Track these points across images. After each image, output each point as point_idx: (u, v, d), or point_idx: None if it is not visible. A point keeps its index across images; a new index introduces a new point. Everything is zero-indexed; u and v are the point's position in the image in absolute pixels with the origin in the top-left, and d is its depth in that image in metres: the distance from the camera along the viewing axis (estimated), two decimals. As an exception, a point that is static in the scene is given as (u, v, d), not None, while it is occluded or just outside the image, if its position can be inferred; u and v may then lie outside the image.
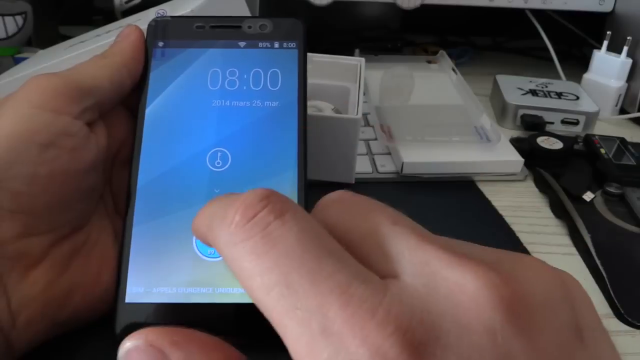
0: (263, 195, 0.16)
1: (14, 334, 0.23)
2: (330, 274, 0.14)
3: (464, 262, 0.15)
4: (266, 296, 0.15)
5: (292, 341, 0.14)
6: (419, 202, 0.40)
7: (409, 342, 0.13)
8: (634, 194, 0.41)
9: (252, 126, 0.28)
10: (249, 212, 0.15)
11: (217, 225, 0.16)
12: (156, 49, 0.29)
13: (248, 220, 0.15)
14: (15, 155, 0.23)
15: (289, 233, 0.15)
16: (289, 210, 0.16)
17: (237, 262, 0.15)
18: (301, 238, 0.15)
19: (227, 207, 0.16)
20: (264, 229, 0.15)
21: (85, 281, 0.25)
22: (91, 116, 0.26)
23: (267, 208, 0.15)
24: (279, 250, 0.15)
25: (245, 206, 0.16)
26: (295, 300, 0.14)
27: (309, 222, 0.16)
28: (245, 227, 0.15)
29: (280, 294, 0.14)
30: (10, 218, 0.23)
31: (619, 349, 0.29)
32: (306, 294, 0.14)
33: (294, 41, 0.29)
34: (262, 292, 0.15)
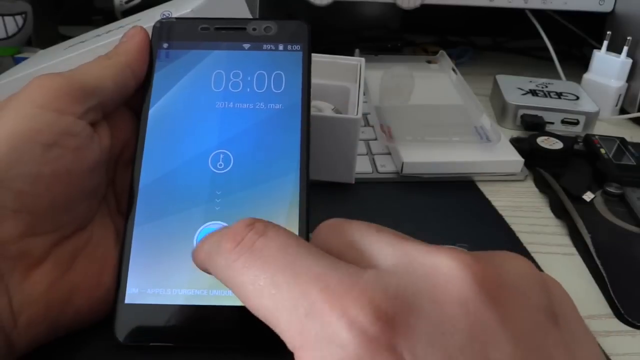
0: (248, 222, 0.19)
1: (15, 334, 0.23)
2: (309, 268, 0.16)
3: (441, 249, 0.17)
4: (258, 298, 0.17)
5: (285, 329, 0.16)
6: (419, 202, 0.40)
7: (383, 312, 0.14)
8: (634, 194, 0.41)
9: (255, 128, 0.28)
10: (237, 237, 0.18)
11: (213, 255, 0.19)
12: (161, 50, 0.29)
13: (237, 244, 0.18)
14: (18, 155, 0.23)
15: (271, 244, 0.17)
16: (271, 229, 0.18)
17: (232, 280, 0.18)
18: (282, 246, 0.17)
19: (221, 240, 0.19)
20: (250, 247, 0.18)
21: (87, 281, 0.25)
22: (94, 116, 0.26)
23: (252, 231, 0.18)
24: (263, 259, 0.17)
25: (234, 234, 0.18)
26: (282, 294, 0.16)
27: (288, 235, 0.18)
28: (235, 249, 0.18)
29: (270, 294, 0.16)
30: (13, 217, 0.23)
31: (619, 349, 0.29)
32: (290, 287, 0.16)
33: (298, 43, 0.29)
34: (255, 295, 0.17)
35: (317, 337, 0.15)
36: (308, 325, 0.15)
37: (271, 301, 0.16)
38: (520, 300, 0.16)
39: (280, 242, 0.18)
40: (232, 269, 0.18)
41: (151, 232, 0.26)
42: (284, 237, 0.18)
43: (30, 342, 0.23)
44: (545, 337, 0.16)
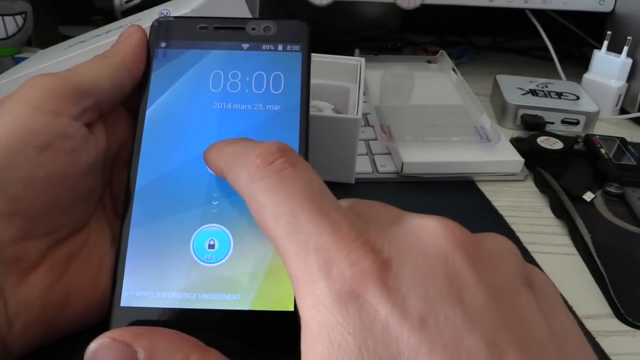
0: (281, 147, 0.20)
1: (10, 338, 0.22)
2: (326, 212, 0.18)
3: (431, 216, 0.19)
4: (274, 223, 0.18)
5: (291, 258, 0.18)
6: (419, 202, 0.40)
7: (380, 257, 0.17)
8: (634, 194, 0.41)
9: (253, 129, 0.27)
10: (269, 158, 0.19)
11: (238, 165, 0.20)
12: (158, 50, 0.29)
13: (267, 165, 0.19)
14: (12, 157, 0.22)
15: (299, 179, 0.19)
16: (301, 163, 0.19)
17: (253, 195, 0.19)
18: (308, 183, 0.19)
19: (250, 152, 0.20)
20: (279, 172, 0.19)
21: (84, 285, 0.25)
22: (90, 117, 0.26)
23: (284, 157, 0.19)
24: (289, 190, 0.18)
25: (266, 153, 0.19)
26: (298, 227, 0.18)
27: (315, 175, 0.19)
28: (265, 169, 0.19)
29: (287, 222, 0.18)
30: (7, 221, 0.22)
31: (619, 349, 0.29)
32: (306, 222, 0.18)
33: (298, 44, 0.29)
34: (272, 220, 0.18)
35: (319, 269, 0.17)
36: (313, 259, 0.17)
37: (286, 229, 0.18)
38: (496, 262, 0.18)
39: (308, 179, 0.19)
40: (257, 186, 0.19)
41: (147, 234, 0.25)
42: (311, 175, 0.19)
43: (26, 346, 0.23)
44: (519, 297, 0.17)
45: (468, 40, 0.78)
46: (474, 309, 0.16)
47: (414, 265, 0.17)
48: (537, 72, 0.64)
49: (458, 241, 0.18)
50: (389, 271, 0.16)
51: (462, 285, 0.16)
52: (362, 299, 0.16)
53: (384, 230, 0.18)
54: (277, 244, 0.18)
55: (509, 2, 0.60)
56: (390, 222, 0.19)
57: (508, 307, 0.17)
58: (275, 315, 0.24)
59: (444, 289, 0.16)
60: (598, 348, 0.28)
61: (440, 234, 0.18)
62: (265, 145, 0.20)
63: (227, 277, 0.25)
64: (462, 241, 0.18)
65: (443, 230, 0.18)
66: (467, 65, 0.70)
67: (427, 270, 0.17)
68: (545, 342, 0.17)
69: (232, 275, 0.25)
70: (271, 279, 0.24)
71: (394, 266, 0.17)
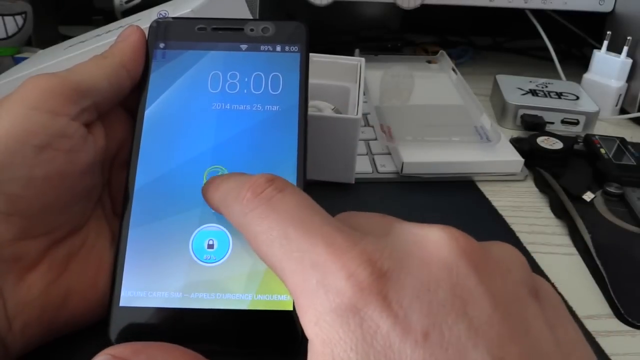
0: (269, 178, 0.20)
1: (9, 338, 0.22)
2: (319, 227, 0.18)
3: (432, 225, 0.18)
4: (269, 247, 0.18)
5: (290, 277, 0.18)
6: (419, 202, 0.40)
7: (378, 268, 0.16)
8: (634, 194, 0.41)
9: (251, 130, 0.27)
10: (257, 189, 0.20)
11: (231, 201, 0.21)
12: (157, 50, 0.29)
13: (256, 196, 0.20)
14: (10, 157, 0.22)
15: (288, 201, 0.19)
16: (289, 187, 0.20)
17: (247, 227, 0.19)
18: (297, 204, 0.19)
19: (240, 187, 0.20)
20: (269, 200, 0.19)
21: (82, 284, 0.25)
22: (89, 117, 0.26)
23: (272, 186, 0.20)
24: (280, 214, 0.19)
25: (255, 186, 0.20)
26: (292, 246, 0.18)
27: (305, 196, 0.20)
28: (254, 200, 0.19)
29: (281, 244, 0.18)
30: (5, 221, 0.22)
31: (619, 349, 0.29)
32: (300, 240, 0.18)
33: (296, 45, 0.29)
34: (266, 245, 0.18)
35: (317, 285, 0.17)
36: (311, 275, 0.17)
37: (281, 250, 0.18)
38: (502, 272, 0.18)
39: (297, 200, 0.19)
40: (249, 217, 0.19)
41: (146, 234, 0.25)
42: (300, 197, 0.20)
43: (25, 345, 0.23)
44: (525, 307, 0.17)
45: (468, 40, 0.78)
46: (479, 322, 0.16)
47: (416, 277, 0.16)
48: (537, 72, 0.64)
49: (463, 250, 0.17)
50: (389, 283, 0.16)
51: (466, 297, 0.16)
52: (363, 313, 0.16)
53: (383, 240, 0.18)
54: (275, 267, 0.18)
55: (509, 2, 0.60)
56: (389, 232, 0.19)
57: (514, 319, 0.16)
58: (274, 315, 0.24)
59: (448, 302, 0.16)
60: (598, 348, 0.28)
61: (444, 243, 0.17)
62: (254, 178, 0.20)
63: (226, 277, 0.25)
64: (466, 250, 0.17)
65: (447, 239, 0.17)
66: (467, 65, 0.70)
67: (431, 282, 0.16)
68: (551, 354, 0.16)
69: (231, 275, 0.25)
70: (270, 278, 0.24)
71: (394, 277, 0.16)
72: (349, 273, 0.16)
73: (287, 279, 0.18)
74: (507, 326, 0.16)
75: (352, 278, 0.16)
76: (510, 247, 0.20)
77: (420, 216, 0.38)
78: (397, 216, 0.39)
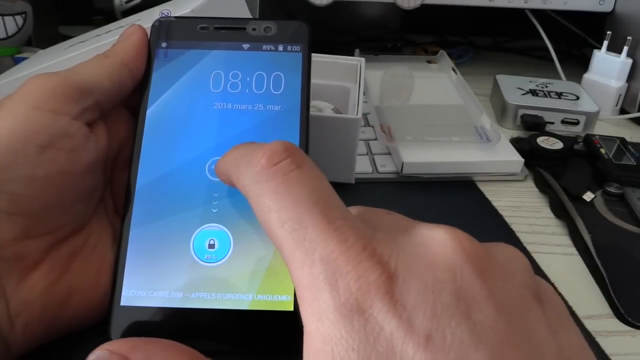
0: (287, 147, 0.19)
1: (12, 336, 0.22)
2: (334, 219, 0.17)
3: (440, 225, 0.18)
4: (280, 228, 0.18)
5: (297, 267, 0.17)
6: (419, 202, 0.40)
7: (387, 269, 0.16)
8: (634, 194, 0.41)
9: (253, 130, 0.27)
10: (274, 158, 0.19)
11: (243, 165, 0.20)
12: (159, 49, 0.29)
13: (273, 165, 0.19)
14: (12, 157, 0.22)
15: (306, 182, 0.18)
16: (308, 164, 0.19)
17: (258, 198, 0.19)
18: (315, 188, 0.18)
19: (254, 152, 0.19)
20: (285, 174, 0.18)
21: (84, 284, 0.25)
22: (91, 116, 0.26)
23: (290, 158, 0.19)
24: (296, 194, 0.18)
25: (271, 153, 0.19)
26: (304, 234, 0.17)
27: (322, 178, 0.19)
28: (270, 170, 0.18)
29: (292, 228, 0.17)
30: (8, 220, 0.22)
31: (619, 349, 0.29)
32: (313, 230, 0.17)
33: (298, 44, 0.29)
34: (277, 225, 0.18)
35: (325, 280, 0.16)
36: (319, 269, 0.17)
37: (292, 236, 0.17)
38: (506, 276, 0.18)
39: (315, 183, 0.18)
40: (261, 188, 0.18)
41: (148, 234, 0.25)
42: (318, 179, 0.19)
43: (27, 344, 0.23)
44: (528, 312, 0.17)
45: (468, 40, 0.78)
46: (482, 326, 0.15)
47: (422, 279, 0.16)
48: (537, 72, 0.64)
49: (467, 253, 0.17)
50: (396, 285, 0.16)
51: (470, 301, 0.16)
52: (368, 314, 0.16)
53: (392, 240, 0.18)
54: (282, 250, 0.18)
55: (509, 2, 0.60)
56: (398, 232, 0.18)
57: (517, 324, 0.16)
58: (275, 315, 0.24)
59: (452, 305, 0.16)
60: (598, 348, 0.28)
61: (449, 245, 0.17)
62: (270, 144, 0.19)
63: (227, 277, 0.25)
64: (471, 253, 0.17)
65: (451, 242, 0.17)
66: (467, 65, 0.70)
67: (435, 285, 0.16)
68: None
69: (232, 275, 0.25)
70: (271, 278, 0.24)
71: (400, 279, 0.16)
72: (359, 274, 0.16)
73: (293, 268, 0.17)
74: (510, 331, 0.16)
75: (362, 279, 0.16)
76: (514, 249, 0.20)
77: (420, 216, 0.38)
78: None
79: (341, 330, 0.16)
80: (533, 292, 0.18)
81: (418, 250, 0.17)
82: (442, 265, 0.17)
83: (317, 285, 0.16)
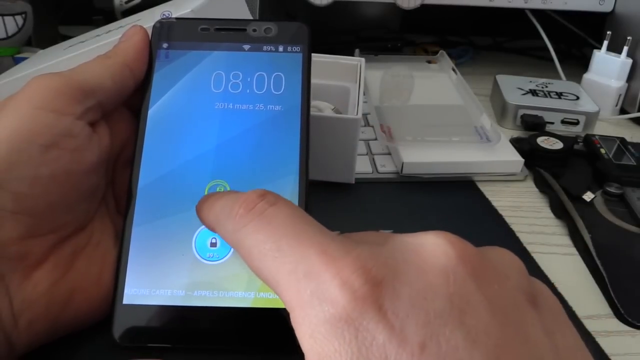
0: (260, 193, 0.20)
1: (15, 334, 0.23)
2: (311, 236, 0.18)
3: (428, 232, 0.18)
4: (262, 260, 0.18)
5: (284, 289, 0.17)
6: (419, 202, 0.40)
7: (372, 276, 0.16)
8: (634, 194, 0.41)
9: (254, 130, 0.27)
10: (249, 205, 0.19)
11: (224, 219, 0.20)
12: (160, 50, 0.29)
13: (249, 211, 0.19)
14: (17, 156, 0.22)
15: (280, 213, 0.19)
16: (281, 200, 0.20)
17: (240, 242, 0.19)
18: (289, 216, 0.19)
19: (233, 204, 0.20)
20: (261, 213, 0.19)
21: (87, 282, 0.25)
22: (94, 116, 0.26)
23: (263, 201, 0.19)
24: (272, 226, 0.18)
25: (247, 202, 0.19)
26: (284, 257, 0.17)
27: (296, 208, 0.20)
28: (247, 215, 0.19)
29: (274, 257, 0.18)
30: (12, 219, 0.23)
31: (619, 349, 0.29)
32: (292, 251, 0.17)
33: (298, 45, 0.29)
34: (260, 259, 0.18)
35: (311, 295, 0.16)
36: (304, 285, 0.17)
37: (274, 263, 0.18)
38: (500, 278, 0.17)
39: (288, 212, 0.19)
40: (241, 233, 0.19)
41: (150, 232, 0.26)
42: (292, 209, 0.19)
43: (31, 343, 0.23)
44: (523, 315, 0.17)
45: (468, 40, 0.78)
46: (476, 331, 0.15)
47: (413, 286, 0.16)
48: (537, 72, 0.64)
49: (460, 257, 0.17)
50: (384, 292, 0.16)
51: (464, 306, 0.16)
52: (358, 324, 0.15)
53: (377, 249, 0.17)
54: (269, 280, 0.18)
55: (509, 2, 0.60)
56: (384, 243, 0.18)
57: (512, 327, 0.16)
58: (276, 313, 0.24)
59: (445, 311, 0.16)
60: (598, 348, 0.28)
61: (440, 249, 0.17)
62: (245, 194, 0.20)
63: (228, 275, 0.25)
64: (464, 256, 0.17)
65: (442, 246, 0.17)
66: (467, 65, 0.70)
67: (427, 291, 0.16)
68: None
69: (233, 273, 0.25)
70: None
71: (389, 286, 0.16)
72: (342, 281, 0.16)
73: (282, 292, 0.17)
74: (505, 335, 0.16)
75: (346, 286, 0.16)
76: (507, 252, 0.20)
77: (420, 216, 0.38)
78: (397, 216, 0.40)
79: (334, 343, 0.15)
80: (527, 295, 0.18)
81: (407, 256, 0.17)
82: (434, 269, 0.17)
83: (305, 302, 0.16)
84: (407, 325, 0.15)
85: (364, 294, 0.16)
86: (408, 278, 0.16)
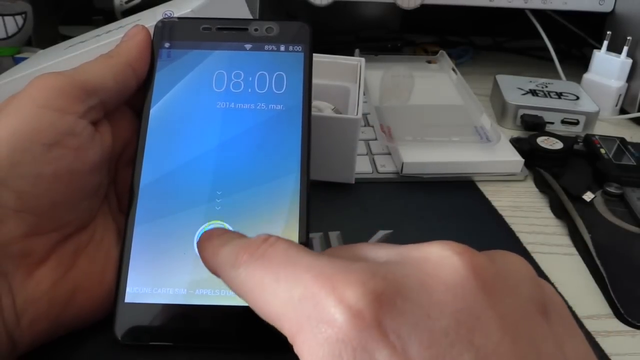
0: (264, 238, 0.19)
1: (18, 332, 0.23)
2: (307, 262, 0.17)
3: (432, 242, 0.17)
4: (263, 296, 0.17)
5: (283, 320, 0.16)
6: (419, 202, 0.40)
7: (371, 291, 0.15)
8: (634, 194, 0.41)
9: (256, 129, 0.28)
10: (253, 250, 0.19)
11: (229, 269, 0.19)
12: (162, 50, 0.29)
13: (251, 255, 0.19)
14: (20, 155, 0.23)
15: (278, 250, 0.18)
16: (281, 239, 0.19)
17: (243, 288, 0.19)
18: (286, 249, 0.18)
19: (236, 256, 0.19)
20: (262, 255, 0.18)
21: (90, 280, 0.25)
22: (96, 115, 0.26)
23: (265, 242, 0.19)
24: (270, 264, 0.18)
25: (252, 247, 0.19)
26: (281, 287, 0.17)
27: (293, 243, 0.19)
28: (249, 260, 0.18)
29: (272, 290, 0.17)
30: (15, 217, 0.23)
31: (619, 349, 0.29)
32: (287, 278, 0.17)
33: (300, 44, 0.29)
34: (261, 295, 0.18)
35: (309, 318, 0.15)
36: (301, 309, 0.16)
37: (272, 295, 0.17)
38: (511, 290, 0.16)
39: (285, 246, 0.18)
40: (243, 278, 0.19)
41: (152, 231, 0.26)
42: (288, 243, 0.19)
43: (33, 341, 0.24)
44: (535, 329, 0.16)
45: (468, 40, 0.78)
46: (486, 351, 0.14)
47: (416, 303, 0.15)
48: (537, 72, 0.64)
49: (469, 267, 0.16)
50: (384, 309, 0.15)
51: (473, 323, 0.15)
52: (356, 343, 0.14)
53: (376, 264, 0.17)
54: (271, 316, 0.17)
55: (509, 2, 0.60)
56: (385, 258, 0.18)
57: (523, 344, 0.15)
58: None
59: (451, 330, 0.15)
60: (598, 348, 0.29)
61: (448, 262, 0.16)
62: (249, 241, 0.19)
63: None
64: (473, 265, 0.16)
65: (450, 258, 0.16)
66: (467, 65, 0.70)
67: (433, 309, 0.15)
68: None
69: None
70: None
71: (389, 303, 0.15)
72: (338, 298, 0.15)
73: (282, 324, 0.17)
74: (517, 352, 0.15)
75: (343, 304, 0.15)
76: (516, 257, 0.19)
77: (421, 216, 0.38)
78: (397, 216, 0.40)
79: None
80: (538, 305, 0.17)
81: (409, 271, 0.16)
82: (440, 284, 0.16)
83: (303, 327, 0.16)
84: (410, 346, 0.14)
85: (361, 310, 0.15)
86: (410, 294, 0.15)
